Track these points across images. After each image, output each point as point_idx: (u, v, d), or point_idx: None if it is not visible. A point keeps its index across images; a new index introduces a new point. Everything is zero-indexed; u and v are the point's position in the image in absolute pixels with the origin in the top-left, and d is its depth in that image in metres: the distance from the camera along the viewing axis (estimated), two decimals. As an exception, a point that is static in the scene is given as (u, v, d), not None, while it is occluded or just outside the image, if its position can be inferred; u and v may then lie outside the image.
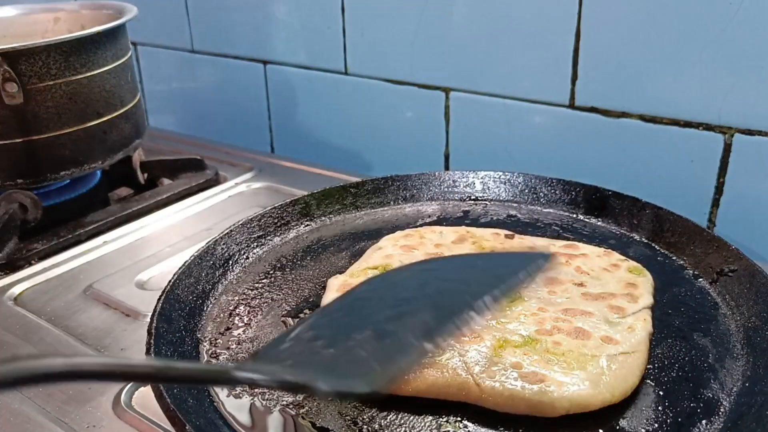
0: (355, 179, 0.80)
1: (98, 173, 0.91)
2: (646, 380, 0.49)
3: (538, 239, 0.65)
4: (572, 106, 0.79)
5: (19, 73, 0.72)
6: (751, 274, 0.56)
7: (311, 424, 0.46)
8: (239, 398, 0.49)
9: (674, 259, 0.64)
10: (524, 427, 0.45)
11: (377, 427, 0.46)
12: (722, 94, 0.69)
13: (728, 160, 0.71)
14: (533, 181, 0.76)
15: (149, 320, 0.53)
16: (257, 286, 0.63)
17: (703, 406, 0.46)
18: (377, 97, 0.95)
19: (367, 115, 0.97)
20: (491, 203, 0.76)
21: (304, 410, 0.47)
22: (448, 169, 0.93)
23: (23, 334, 0.61)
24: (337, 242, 0.70)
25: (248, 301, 0.60)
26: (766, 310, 0.53)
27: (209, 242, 0.65)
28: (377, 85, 0.94)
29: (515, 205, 0.75)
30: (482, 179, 0.78)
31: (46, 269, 0.71)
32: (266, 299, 0.61)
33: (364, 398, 0.46)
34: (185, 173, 0.92)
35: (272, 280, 0.64)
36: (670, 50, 0.71)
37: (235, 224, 0.68)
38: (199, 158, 0.93)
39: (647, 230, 0.67)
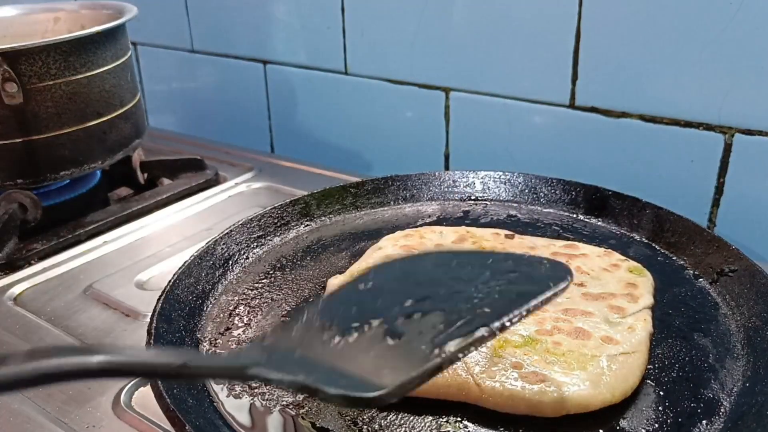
0: (355, 179, 0.80)
1: (98, 173, 0.91)
2: (646, 380, 0.49)
3: (538, 239, 0.65)
4: (572, 106, 0.79)
5: (19, 73, 0.72)
6: (751, 274, 0.56)
7: (311, 424, 0.46)
8: (239, 398, 0.49)
9: (674, 259, 0.64)
10: (524, 427, 0.45)
11: (377, 427, 0.46)
12: (722, 94, 0.69)
13: (728, 160, 0.71)
14: (533, 181, 0.76)
15: (149, 320, 0.53)
16: (257, 286, 0.63)
17: (703, 406, 0.46)
18: (377, 97, 0.95)
19: (367, 115, 0.97)
20: (491, 203, 0.76)
21: (304, 410, 0.47)
22: (448, 169, 0.93)
23: (23, 334, 0.61)
24: (337, 242, 0.70)
25: (248, 301, 0.60)
26: (766, 310, 0.53)
27: (209, 242, 0.65)
28: (377, 85, 0.94)
29: (515, 205, 0.75)
30: (482, 179, 0.78)
31: (46, 269, 0.71)
32: (266, 299, 0.61)
33: (371, 406, 0.46)
34: (185, 173, 0.92)
35: (272, 280, 0.64)
36: (670, 50, 0.71)
37: (235, 224, 0.68)
38: (199, 158, 0.93)
39: (647, 230, 0.67)
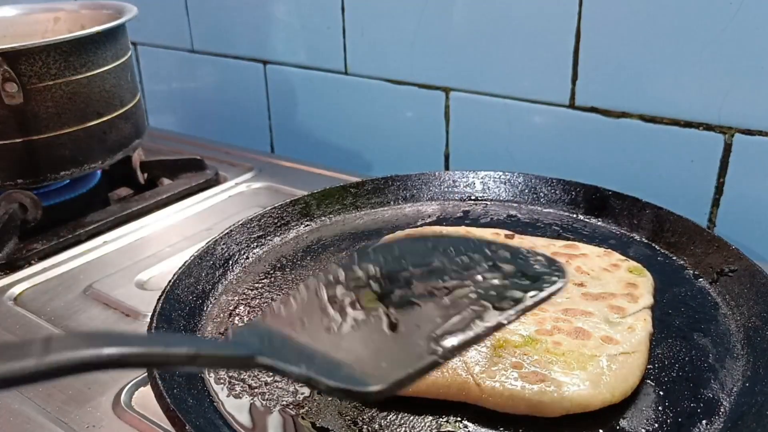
0: (355, 179, 0.80)
1: (98, 173, 0.91)
2: (646, 380, 0.49)
3: (538, 239, 0.65)
4: (572, 106, 0.79)
5: (19, 73, 0.72)
6: (751, 274, 0.56)
7: (311, 424, 0.46)
8: (239, 398, 0.49)
9: (674, 259, 0.64)
10: (524, 427, 0.45)
11: (377, 427, 0.46)
12: (722, 94, 0.69)
13: (728, 160, 0.71)
14: (533, 181, 0.76)
15: (149, 320, 0.53)
16: (257, 286, 0.63)
17: (703, 406, 0.46)
18: (377, 97, 0.95)
19: (367, 115, 0.97)
20: (491, 203, 0.76)
21: (304, 410, 0.47)
22: (448, 169, 0.93)
23: (23, 334, 0.61)
24: (337, 242, 0.70)
25: (248, 301, 0.60)
26: (766, 310, 0.53)
27: (209, 242, 0.65)
28: (377, 85, 0.94)
29: (515, 205, 0.75)
30: (482, 179, 0.78)
31: (46, 269, 0.71)
32: (266, 299, 0.61)
33: (367, 400, 0.46)
34: (185, 173, 0.92)
35: (272, 280, 0.64)
36: (670, 50, 0.71)
37: (235, 224, 0.68)
38: (199, 158, 0.93)
39: (647, 230, 0.67)
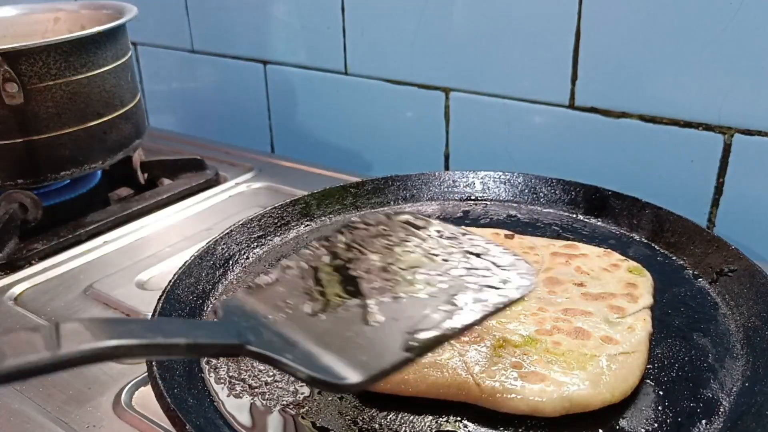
0: (355, 179, 0.80)
1: (98, 173, 0.91)
2: (646, 380, 0.49)
3: (537, 239, 0.65)
4: (572, 106, 0.79)
5: (19, 73, 0.72)
6: (751, 274, 0.56)
7: (311, 424, 0.46)
8: (239, 398, 0.49)
9: (674, 259, 0.64)
10: (524, 427, 0.45)
11: (377, 426, 0.46)
12: (722, 94, 0.69)
13: (728, 160, 0.71)
14: (533, 181, 0.76)
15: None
16: (257, 286, 0.63)
17: (702, 406, 0.46)
18: (377, 97, 0.95)
19: (367, 115, 0.97)
20: (491, 203, 0.76)
21: (304, 410, 0.47)
22: (448, 169, 0.93)
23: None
24: (337, 242, 0.70)
25: (248, 301, 0.60)
26: (765, 310, 0.53)
27: (209, 242, 0.65)
28: (377, 85, 0.94)
29: (515, 205, 0.75)
30: (482, 179, 0.78)
31: (46, 269, 0.71)
32: (266, 299, 0.61)
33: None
34: (185, 173, 0.92)
35: (272, 280, 0.64)
36: (670, 50, 0.71)
37: (235, 224, 0.68)
38: (199, 158, 0.93)
39: (647, 230, 0.67)
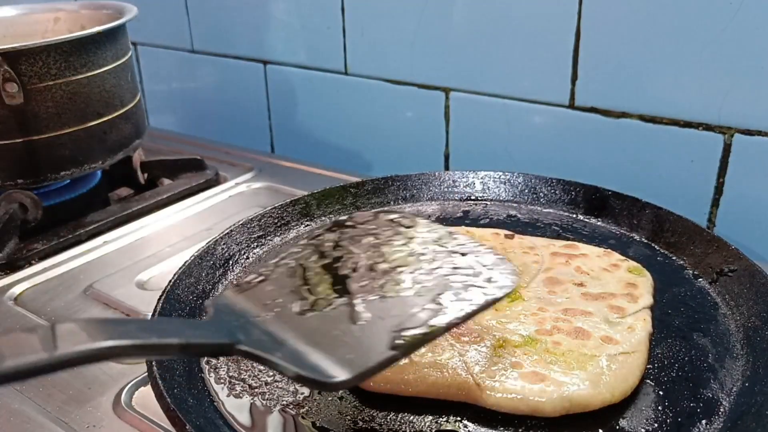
0: (355, 179, 0.80)
1: (98, 173, 0.91)
2: (646, 380, 0.49)
3: (537, 239, 0.65)
4: (572, 106, 0.79)
5: (19, 73, 0.72)
6: (751, 274, 0.56)
7: (311, 423, 0.46)
8: (239, 398, 0.49)
9: (674, 259, 0.64)
10: (524, 427, 0.45)
11: (377, 426, 0.46)
12: (722, 94, 0.69)
13: (728, 160, 0.71)
14: (533, 181, 0.76)
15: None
16: (257, 286, 0.63)
17: (702, 406, 0.46)
18: (377, 97, 0.95)
19: (367, 115, 0.97)
20: (491, 203, 0.76)
21: (304, 410, 0.47)
22: (448, 169, 0.93)
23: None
24: (337, 242, 0.70)
25: (248, 301, 0.60)
26: (765, 310, 0.53)
27: (209, 242, 0.65)
28: (377, 85, 0.94)
29: (515, 205, 0.75)
30: (482, 179, 0.78)
31: (46, 269, 0.71)
32: (266, 299, 0.61)
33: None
34: (185, 173, 0.92)
35: (272, 280, 0.64)
36: (670, 50, 0.71)
37: (235, 224, 0.68)
38: (199, 158, 0.93)
39: (647, 230, 0.67)
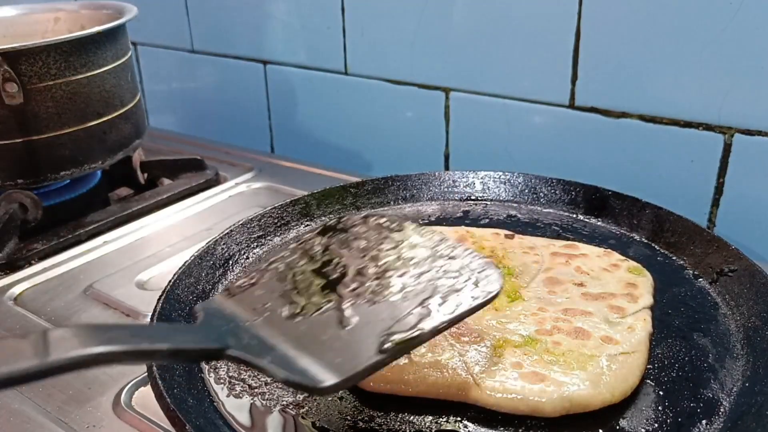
0: (355, 179, 0.80)
1: (98, 173, 0.91)
2: (646, 380, 0.49)
3: (537, 239, 0.65)
4: (572, 106, 0.79)
5: (19, 73, 0.72)
6: (751, 274, 0.56)
7: (311, 424, 0.46)
8: (239, 398, 0.49)
9: (674, 259, 0.64)
10: (524, 427, 0.45)
11: (377, 426, 0.46)
12: (722, 94, 0.69)
13: (728, 160, 0.71)
14: (533, 181, 0.76)
15: (149, 320, 0.53)
16: (257, 286, 0.63)
17: (703, 406, 0.46)
18: (377, 97, 0.95)
19: (367, 115, 0.97)
20: (491, 203, 0.76)
21: (304, 410, 0.47)
22: (448, 169, 0.93)
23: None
24: (337, 242, 0.70)
25: (248, 301, 0.60)
26: (766, 310, 0.53)
27: (209, 242, 0.65)
28: (377, 85, 0.94)
29: (515, 205, 0.75)
30: (482, 179, 0.78)
31: (46, 269, 0.71)
32: (266, 299, 0.61)
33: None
34: (185, 173, 0.92)
35: (272, 280, 0.63)
36: (670, 50, 0.71)
37: (235, 224, 0.68)
38: (199, 158, 0.93)
39: (647, 230, 0.67)
